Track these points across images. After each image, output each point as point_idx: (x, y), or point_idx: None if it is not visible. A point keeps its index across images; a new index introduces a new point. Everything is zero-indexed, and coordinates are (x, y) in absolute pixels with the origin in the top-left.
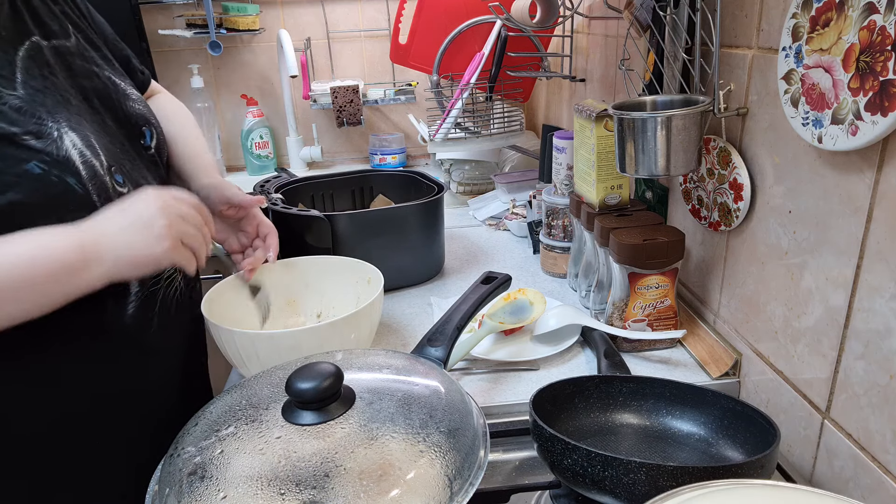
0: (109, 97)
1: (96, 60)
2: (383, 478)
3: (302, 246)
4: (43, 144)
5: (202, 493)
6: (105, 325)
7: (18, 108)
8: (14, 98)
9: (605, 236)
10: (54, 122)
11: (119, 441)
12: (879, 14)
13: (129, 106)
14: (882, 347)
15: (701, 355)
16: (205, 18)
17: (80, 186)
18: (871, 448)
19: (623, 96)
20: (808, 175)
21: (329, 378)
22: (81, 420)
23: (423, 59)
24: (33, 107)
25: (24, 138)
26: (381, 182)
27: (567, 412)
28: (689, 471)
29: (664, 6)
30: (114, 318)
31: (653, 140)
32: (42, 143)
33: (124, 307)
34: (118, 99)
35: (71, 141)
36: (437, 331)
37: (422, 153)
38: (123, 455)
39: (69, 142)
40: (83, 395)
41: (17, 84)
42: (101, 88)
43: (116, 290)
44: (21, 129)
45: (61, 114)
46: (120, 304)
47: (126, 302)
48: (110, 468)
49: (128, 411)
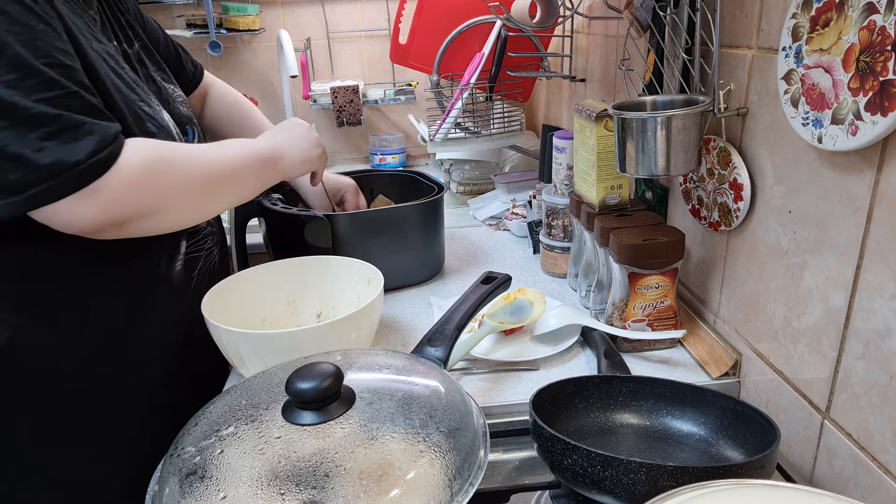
0: (165, 97)
1: (151, 65)
2: (383, 478)
3: (302, 246)
4: (153, 112)
5: (202, 493)
6: (157, 277)
7: (134, 80)
8: (127, 73)
9: (605, 236)
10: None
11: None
12: (879, 14)
13: (176, 107)
14: (882, 347)
15: (701, 355)
16: (205, 18)
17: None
18: (871, 448)
19: (623, 96)
20: (808, 175)
21: (329, 378)
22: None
23: (423, 59)
24: (138, 85)
25: (140, 105)
26: (381, 182)
27: (567, 412)
28: (689, 471)
29: (664, 6)
30: (165, 271)
31: (653, 140)
32: (151, 111)
33: (174, 262)
34: (168, 99)
35: (166, 115)
36: (437, 331)
37: (422, 153)
38: (123, 454)
39: (165, 116)
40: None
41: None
42: (157, 92)
43: (171, 245)
44: (138, 97)
45: (151, 97)
46: (172, 259)
47: (176, 258)
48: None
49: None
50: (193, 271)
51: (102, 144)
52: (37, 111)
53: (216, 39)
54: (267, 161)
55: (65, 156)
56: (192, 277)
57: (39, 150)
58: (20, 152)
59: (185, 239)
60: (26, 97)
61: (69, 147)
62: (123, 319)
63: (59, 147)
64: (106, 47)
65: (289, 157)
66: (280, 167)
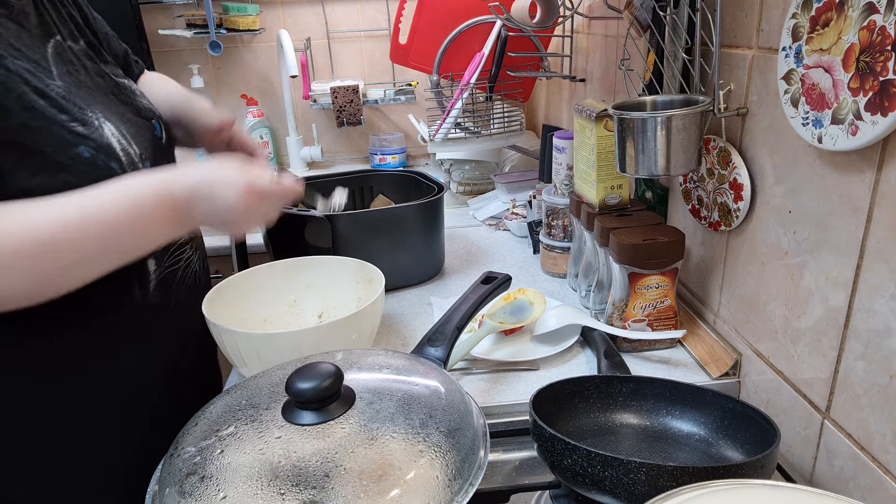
0: (124, 94)
1: (101, 62)
2: (383, 478)
3: (302, 246)
4: (88, 131)
5: (202, 493)
6: (130, 304)
7: (63, 97)
8: (57, 87)
9: (605, 236)
10: (92, 113)
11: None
12: (879, 14)
13: (138, 101)
14: (882, 347)
15: (701, 355)
16: (205, 18)
17: (122, 171)
18: (871, 448)
19: (623, 96)
20: (808, 175)
21: (329, 378)
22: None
23: (423, 59)
24: (72, 97)
25: (71, 125)
26: (381, 182)
27: (567, 412)
28: (689, 471)
29: (664, 6)
30: (139, 298)
31: (653, 140)
32: (87, 129)
33: (147, 287)
34: (128, 95)
35: (109, 130)
36: (437, 331)
37: (422, 153)
38: (123, 453)
39: (108, 130)
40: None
41: (55, 76)
42: (113, 86)
43: (139, 270)
44: (68, 117)
45: (95, 105)
46: (143, 285)
47: (148, 281)
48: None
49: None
50: (172, 285)
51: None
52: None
53: (216, 39)
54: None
55: None
56: (170, 296)
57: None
58: None
59: (152, 258)
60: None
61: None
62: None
63: None
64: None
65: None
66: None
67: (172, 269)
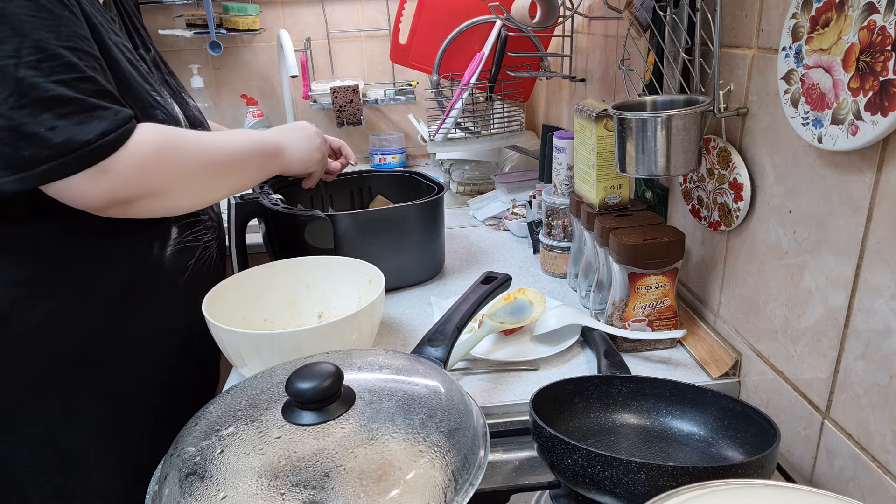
0: (182, 101)
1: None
2: (383, 478)
3: (302, 246)
4: (164, 102)
5: (202, 493)
6: (151, 259)
7: (146, 73)
8: (142, 66)
9: (605, 236)
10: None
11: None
12: (879, 14)
13: (192, 112)
14: (882, 347)
15: (701, 355)
16: (205, 18)
17: None
18: (871, 448)
19: (623, 96)
20: (808, 175)
21: (329, 378)
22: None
23: (423, 59)
24: (150, 78)
25: (152, 94)
26: (381, 182)
27: (567, 412)
28: (689, 471)
29: (664, 6)
30: (157, 256)
31: (653, 140)
32: (163, 100)
33: (166, 248)
34: (186, 103)
35: (177, 108)
36: (437, 331)
37: (422, 153)
38: (123, 454)
39: (176, 108)
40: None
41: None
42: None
43: (163, 231)
44: (150, 87)
45: (164, 90)
46: (163, 245)
47: (167, 244)
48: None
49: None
50: (189, 260)
51: (113, 126)
52: (53, 93)
53: (216, 39)
54: (269, 153)
55: (76, 135)
56: (186, 266)
57: (52, 128)
58: (35, 130)
59: (175, 225)
60: (45, 78)
61: (81, 127)
62: (118, 300)
63: (72, 127)
64: (123, 40)
65: (289, 153)
66: (280, 161)
67: (192, 244)
